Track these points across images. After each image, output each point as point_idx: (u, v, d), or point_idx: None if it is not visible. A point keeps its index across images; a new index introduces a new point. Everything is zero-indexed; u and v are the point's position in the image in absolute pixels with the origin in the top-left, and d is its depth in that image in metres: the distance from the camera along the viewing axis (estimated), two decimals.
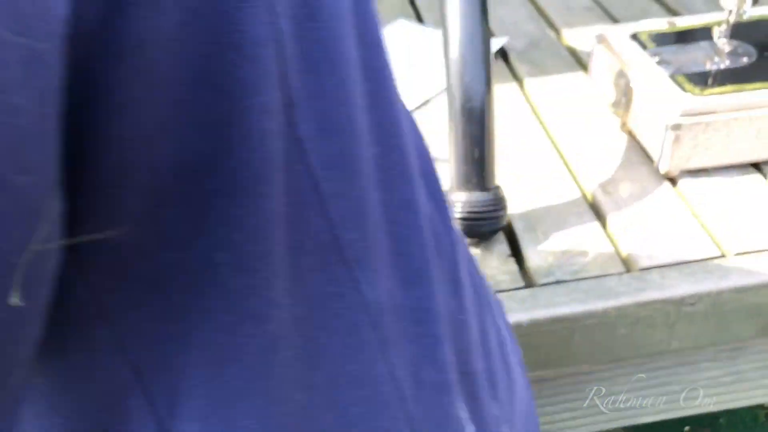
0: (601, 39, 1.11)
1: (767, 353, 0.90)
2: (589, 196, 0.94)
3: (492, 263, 0.84)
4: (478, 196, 0.83)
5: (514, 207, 0.92)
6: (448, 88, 0.81)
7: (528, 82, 1.22)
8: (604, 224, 0.90)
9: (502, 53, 1.31)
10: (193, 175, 0.25)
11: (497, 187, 0.85)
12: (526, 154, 1.02)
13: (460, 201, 0.83)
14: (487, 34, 0.81)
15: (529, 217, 0.91)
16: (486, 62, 0.81)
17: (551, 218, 0.90)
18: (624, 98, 1.00)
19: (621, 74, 1.02)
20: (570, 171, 0.99)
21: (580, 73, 1.21)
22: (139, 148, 0.24)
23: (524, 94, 1.19)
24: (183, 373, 0.27)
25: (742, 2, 0.95)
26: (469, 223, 0.83)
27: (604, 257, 0.84)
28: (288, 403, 0.29)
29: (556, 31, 1.39)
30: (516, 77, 1.25)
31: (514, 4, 1.51)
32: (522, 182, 0.96)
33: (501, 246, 0.87)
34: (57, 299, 0.24)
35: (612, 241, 0.87)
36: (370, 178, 0.31)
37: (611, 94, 1.06)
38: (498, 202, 0.85)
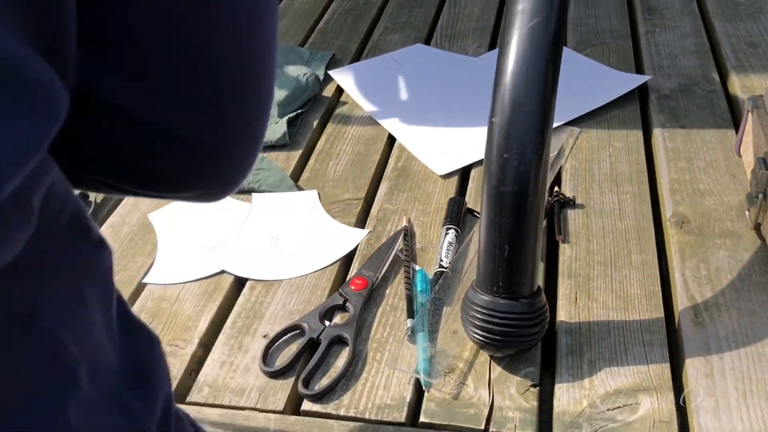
0: (757, 102, 0.84)
1: None
2: (676, 320, 0.71)
3: (507, 388, 0.65)
4: (503, 304, 0.64)
5: (566, 310, 0.71)
6: (485, 156, 0.63)
7: (657, 136, 0.97)
8: (681, 371, 0.67)
9: (641, 93, 1.06)
10: None
11: (535, 295, 0.65)
12: (609, 239, 0.79)
13: (478, 304, 0.65)
14: (551, 92, 0.61)
15: (580, 333, 0.70)
16: (541, 133, 0.61)
17: (610, 342, 0.68)
18: (762, 195, 0.74)
19: (766, 161, 0.75)
20: (663, 278, 0.76)
21: (729, 142, 0.94)
22: None
23: (646, 152, 0.94)
24: None
25: None
26: (488, 335, 0.65)
27: (662, 428, 0.61)
28: None
29: (724, 74, 1.10)
30: (646, 126, 1.00)
31: (682, 31, 1.23)
32: (589, 278, 0.75)
33: (528, 368, 0.67)
34: None
35: (688, 409, 0.64)
36: None
37: (748, 182, 0.80)
38: (531, 316, 0.65)
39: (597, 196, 0.87)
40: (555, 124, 0.98)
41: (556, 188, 0.88)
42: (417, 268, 0.78)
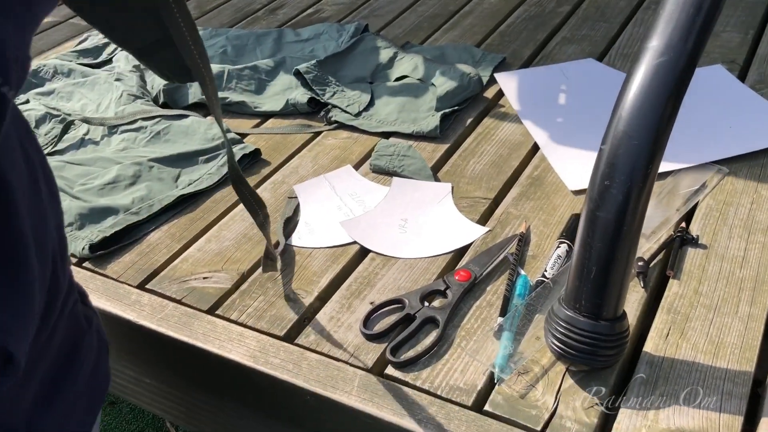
0: None
1: None
2: (767, 380, 0.70)
3: (573, 401, 0.69)
4: (582, 322, 0.68)
5: (654, 343, 0.73)
6: (590, 178, 0.66)
7: None
8: (754, 430, 0.66)
9: None
10: None
11: (616, 319, 0.68)
12: (722, 284, 0.78)
13: (560, 317, 0.69)
14: (664, 131, 0.63)
15: (661, 367, 0.71)
16: (646, 168, 0.63)
17: (688, 382, 0.69)
18: None
19: None
20: (766, 336, 0.74)
21: None
22: None
23: None
24: None
25: None
26: (565, 348, 0.69)
27: None
28: None
29: None
30: None
31: None
32: (688, 318, 0.75)
33: (599, 386, 0.70)
34: None
35: None
36: None
37: None
38: (609, 338, 0.68)
39: (723, 240, 0.85)
40: (705, 160, 0.97)
41: (683, 224, 0.88)
42: (522, 273, 0.83)
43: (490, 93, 1.21)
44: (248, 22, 1.62)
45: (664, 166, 0.98)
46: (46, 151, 1.15)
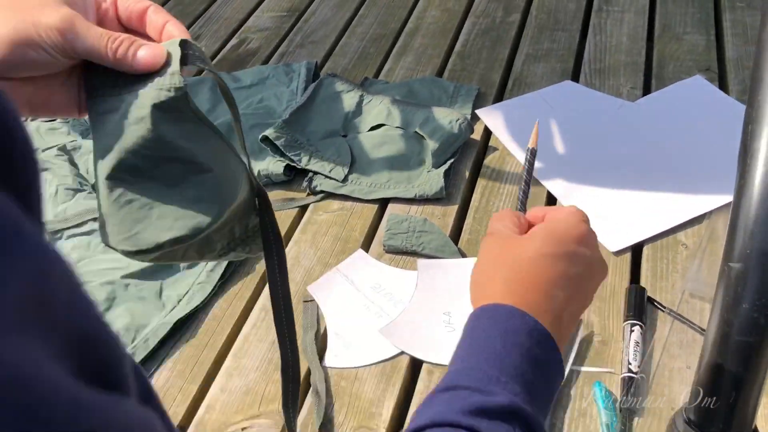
0: None
1: None
2: None
3: None
4: None
5: None
6: (719, 299, 0.60)
7: None
8: None
9: None
10: None
11: None
12: None
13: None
14: None
15: None
16: None
17: None
18: None
19: None
20: None
21: None
22: None
23: None
24: None
25: None
26: None
27: None
28: None
29: None
30: None
31: None
32: None
33: None
34: None
35: None
36: None
37: None
38: None
39: None
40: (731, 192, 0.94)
41: None
42: (598, 384, 0.77)
43: (476, 133, 1.12)
44: None
45: (693, 209, 0.94)
46: None
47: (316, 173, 1.07)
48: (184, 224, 0.43)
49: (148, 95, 0.43)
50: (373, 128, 1.13)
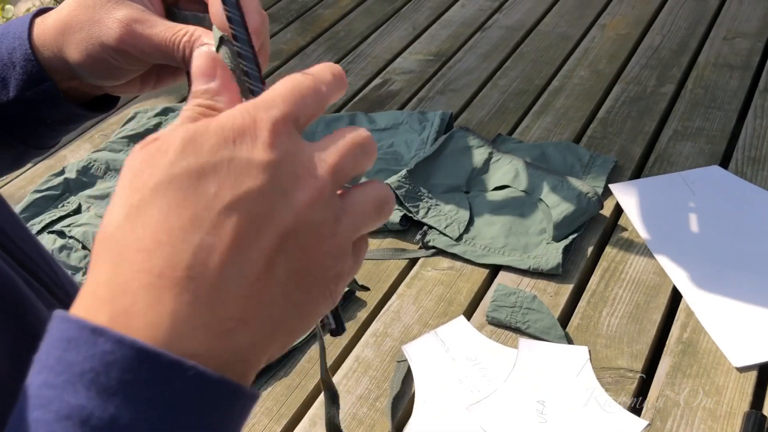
0: None
1: None
2: None
3: None
4: None
5: None
6: None
7: None
8: None
9: None
10: None
11: None
12: None
13: None
14: None
15: None
16: None
17: None
18: None
19: None
20: None
21: None
22: None
23: None
24: None
25: None
26: None
27: None
28: None
29: None
30: None
31: None
32: None
33: None
34: None
35: None
36: None
37: None
38: None
39: None
40: None
41: None
42: None
43: (606, 209, 1.07)
44: None
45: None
46: None
47: (430, 227, 1.06)
48: None
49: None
50: (497, 188, 1.10)
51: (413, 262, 1.03)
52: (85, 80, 0.44)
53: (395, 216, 1.07)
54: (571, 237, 1.00)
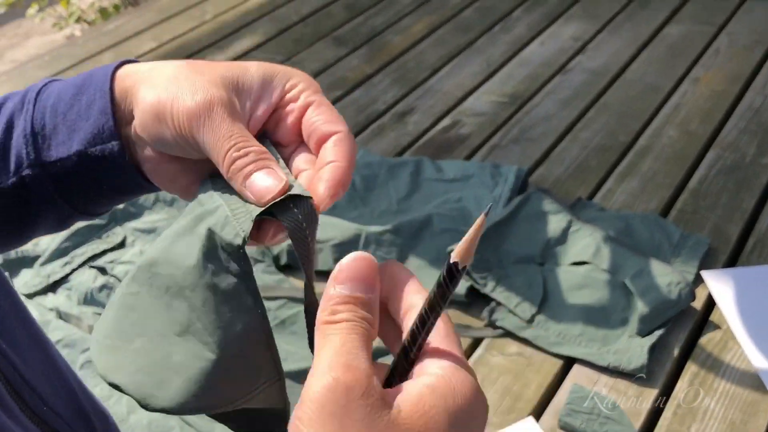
0: None
1: None
2: None
3: None
4: None
5: None
6: None
7: None
8: None
9: None
10: None
11: None
12: None
13: None
14: None
15: None
16: None
17: None
18: None
19: None
20: None
21: None
22: None
23: None
24: None
25: None
26: None
27: None
28: None
29: None
30: None
31: None
32: None
33: None
34: None
35: None
36: None
37: None
38: None
39: None
40: None
41: None
42: None
43: (698, 300, 0.95)
44: (374, 131, 1.39)
45: None
46: None
47: (499, 304, 0.96)
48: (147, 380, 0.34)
49: (220, 215, 0.36)
50: (575, 263, 1.00)
51: (477, 342, 0.94)
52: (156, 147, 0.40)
53: (462, 288, 0.97)
54: (657, 333, 0.89)
